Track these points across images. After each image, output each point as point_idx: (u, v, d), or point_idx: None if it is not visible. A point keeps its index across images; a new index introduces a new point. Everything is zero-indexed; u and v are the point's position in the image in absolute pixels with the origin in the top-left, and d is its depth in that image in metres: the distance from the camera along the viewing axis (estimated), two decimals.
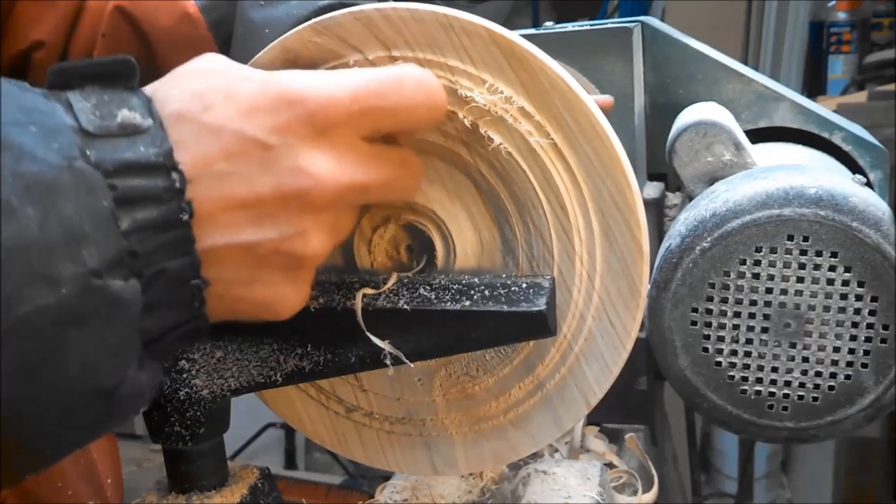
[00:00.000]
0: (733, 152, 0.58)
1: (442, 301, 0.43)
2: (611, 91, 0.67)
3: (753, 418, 0.54)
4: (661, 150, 0.62)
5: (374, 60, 0.42)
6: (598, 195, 0.43)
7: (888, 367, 0.51)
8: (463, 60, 0.42)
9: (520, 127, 0.43)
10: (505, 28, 0.42)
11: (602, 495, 0.58)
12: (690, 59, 0.70)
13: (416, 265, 0.48)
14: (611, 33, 0.66)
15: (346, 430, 0.51)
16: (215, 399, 0.47)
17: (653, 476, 0.70)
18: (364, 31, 0.42)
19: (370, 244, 0.48)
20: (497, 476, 0.64)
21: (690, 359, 0.53)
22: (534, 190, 0.44)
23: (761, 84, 0.69)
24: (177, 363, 0.47)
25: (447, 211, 0.46)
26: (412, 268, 0.48)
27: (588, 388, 0.47)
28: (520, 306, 0.41)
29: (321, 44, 0.43)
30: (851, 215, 0.49)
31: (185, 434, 0.47)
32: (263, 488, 0.50)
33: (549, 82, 0.42)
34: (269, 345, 0.46)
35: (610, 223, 0.44)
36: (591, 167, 0.43)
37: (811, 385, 0.52)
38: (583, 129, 0.42)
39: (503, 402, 0.48)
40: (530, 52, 0.41)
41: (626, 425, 0.79)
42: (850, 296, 0.50)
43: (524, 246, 0.45)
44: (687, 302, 0.52)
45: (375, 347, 0.43)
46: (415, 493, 0.62)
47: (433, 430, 0.50)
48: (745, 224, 0.50)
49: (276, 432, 2.58)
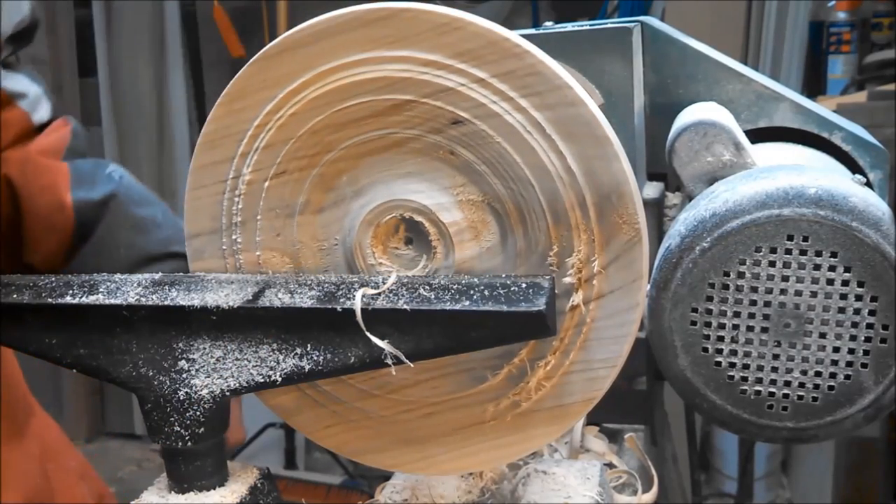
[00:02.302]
0: (733, 152, 0.57)
1: (442, 301, 0.43)
2: (611, 91, 0.67)
3: (753, 418, 0.54)
4: (661, 150, 0.62)
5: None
6: (593, 183, 0.44)
7: (888, 367, 0.51)
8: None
9: (510, 118, 0.43)
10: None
11: (602, 495, 0.58)
12: (690, 59, 0.70)
13: (416, 263, 0.48)
14: (611, 33, 0.66)
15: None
16: (215, 399, 0.47)
17: (653, 476, 0.70)
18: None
19: (370, 244, 0.48)
20: (497, 476, 0.64)
21: (690, 359, 0.53)
22: (531, 185, 0.44)
23: (761, 84, 0.69)
24: (177, 363, 0.47)
25: (444, 208, 0.46)
26: (412, 266, 0.48)
27: (588, 386, 0.47)
28: (519, 306, 0.41)
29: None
30: (851, 215, 0.49)
31: (184, 434, 0.47)
32: (263, 488, 0.50)
33: (532, 68, 0.43)
34: (268, 344, 0.46)
35: (605, 211, 0.44)
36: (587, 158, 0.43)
37: (811, 385, 0.52)
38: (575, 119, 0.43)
39: (503, 402, 0.48)
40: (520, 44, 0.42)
41: (626, 425, 0.79)
42: (850, 296, 0.50)
43: (522, 239, 0.46)
44: (687, 302, 0.52)
45: (375, 347, 0.43)
46: (414, 493, 0.62)
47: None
48: (745, 224, 0.50)
49: (276, 432, 2.59)
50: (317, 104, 0.46)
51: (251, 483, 0.50)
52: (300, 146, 0.47)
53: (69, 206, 0.76)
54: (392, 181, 0.47)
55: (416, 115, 0.45)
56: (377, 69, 0.44)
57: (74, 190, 0.77)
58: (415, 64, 0.44)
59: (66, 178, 0.77)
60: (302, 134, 0.47)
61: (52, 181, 0.76)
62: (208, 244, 0.50)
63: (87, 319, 0.48)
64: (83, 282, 0.49)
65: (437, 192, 0.46)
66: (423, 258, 0.48)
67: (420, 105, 0.44)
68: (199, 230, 0.50)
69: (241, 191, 0.49)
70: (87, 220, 0.77)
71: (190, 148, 2.87)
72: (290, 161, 0.47)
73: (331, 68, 0.45)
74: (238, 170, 0.48)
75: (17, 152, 0.75)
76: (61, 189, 0.76)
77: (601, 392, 0.47)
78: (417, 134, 0.45)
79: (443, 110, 0.44)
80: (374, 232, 0.48)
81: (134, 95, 3.00)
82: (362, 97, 0.45)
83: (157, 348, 0.47)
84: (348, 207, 0.48)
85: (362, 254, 0.48)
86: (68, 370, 0.50)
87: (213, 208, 0.50)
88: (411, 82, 0.44)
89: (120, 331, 0.48)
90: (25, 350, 0.50)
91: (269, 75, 0.46)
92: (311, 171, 0.48)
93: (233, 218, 0.49)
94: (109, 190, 0.79)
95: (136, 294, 0.47)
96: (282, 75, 0.46)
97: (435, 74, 0.44)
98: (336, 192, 0.48)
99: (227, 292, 0.46)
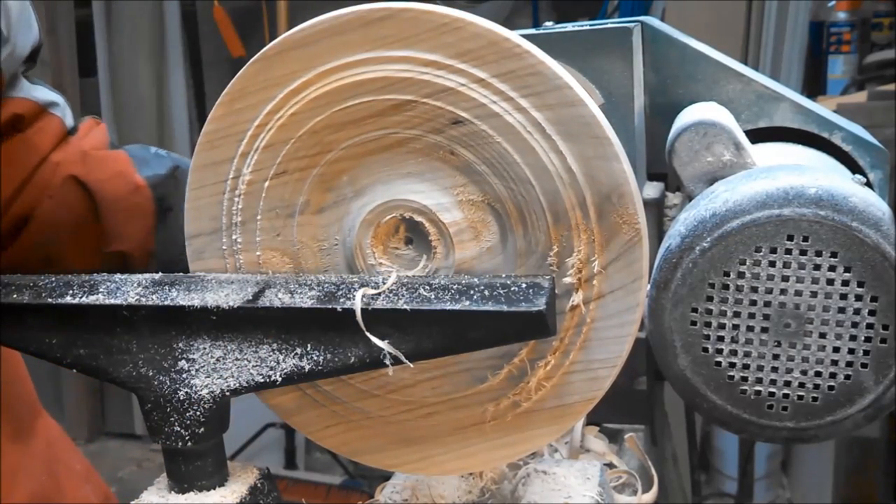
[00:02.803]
0: (733, 152, 0.57)
1: (442, 301, 0.43)
2: (611, 91, 0.67)
3: (753, 418, 0.54)
4: (661, 150, 0.62)
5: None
6: (593, 183, 0.44)
7: (888, 367, 0.51)
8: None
9: (510, 118, 0.43)
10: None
11: (602, 495, 0.58)
12: (690, 59, 0.70)
13: (416, 263, 0.48)
14: (611, 33, 0.66)
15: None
16: (215, 399, 0.47)
17: (653, 476, 0.70)
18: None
19: (370, 244, 0.48)
20: (497, 476, 0.64)
21: (690, 359, 0.53)
22: (530, 184, 0.44)
23: (761, 84, 0.69)
24: (177, 363, 0.47)
25: (444, 208, 0.46)
26: (412, 266, 0.48)
27: (589, 387, 0.47)
28: (519, 306, 0.41)
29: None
30: (851, 215, 0.49)
31: (184, 434, 0.47)
32: (263, 488, 0.50)
33: (531, 67, 0.43)
34: (268, 344, 0.46)
35: (605, 211, 0.44)
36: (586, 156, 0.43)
37: (811, 385, 0.52)
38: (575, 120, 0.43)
39: (503, 402, 0.48)
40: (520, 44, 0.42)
41: (626, 425, 0.79)
42: (850, 296, 0.50)
43: (521, 237, 0.46)
44: (687, 302, 0.52)
45: (375, 347, 0.43)
46: (414, 492, 0.62)
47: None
48: (745, 224, 0.50)
49: (276, 432, 2.59)
50: (317, 104, 0.46)
51: (251, 483, 0.50)
52: (300, 146, 0.47)
53: (143, 185, 0.79)
54: (392, 181, 0.47)
55: (416, 116, 0.45)
56: (377, 69, 0.44)
57: (141, 171, 0.79)
58: (415, 64, 0.44)
59: (129, 162, 0.79)
60: (302, 134, 0.47)
61: (118, 168, 0.78)
62: (208, 244, 0.50)
63: (87, 319, 0.48)
64: (83, 282, 0.49)
65: (437, 192, 0.46)
66: (423, 258, 0.48)
67: (420, 105, 0.44)
68: (199, 230, 0.50)
69: (241, 191, 0.49)
70: (162, 194, 0.79)
71: (190, 148, 2.87)
72: (290, 161, 0.47)
73: (331, 68, 0.45)
74: (238, 170, 0.48)
75: (72, 151, 0.77)
76: (130, 173, 0.78)
77: (601, 392, 0.47)
78: (418, 134, 0.45)
79: (443, 110, 0.44)
80: (374, 232, 0.48)
81: (134, 95, 3.00)
82: (363, 97, 0.45)
83: (157, 348, 0.47)
84: (348, 207, 0.48)
85: (362, 254, 0.48)
86: (68, 370, 0.50)
87: (214, 208, 0.50)
88: (411, 82, 0.44)
89: (120, 331, 0.48)
90: (25, 350, 0.50)
91: (270, 75, 0.46)
92: (312, 172, 0.48)
93: (233, 218, 0.49)
94: (169, 163, 0.81)
95: (136, 294, 0.47)
96: (282, 75, 0.46)
97: (435, 74, 0.44)
98: (336, 193, 0.48)
99: (227, 292, 0.46)
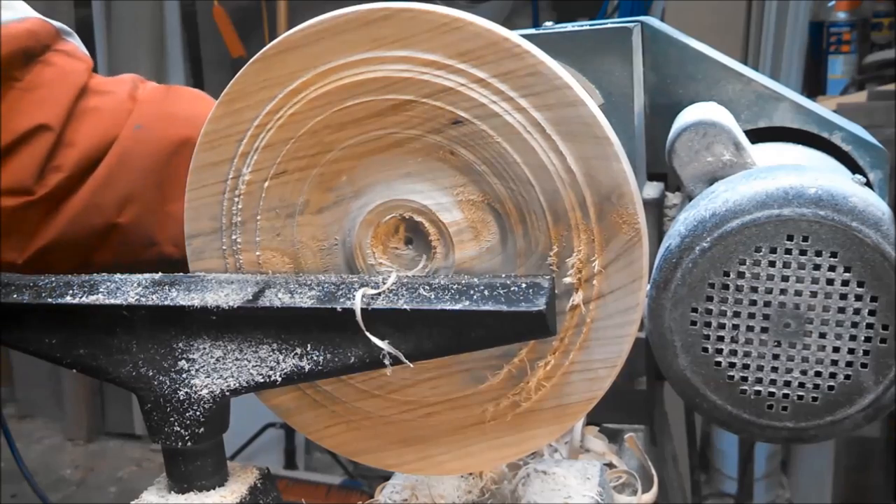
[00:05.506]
0: (733, 152, 0.57)
1: (442, 301, 0.43)
2: (611, 91, 0.67)
3: (753, 418, 0.54)
4: (661, 150, 0.62)
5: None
6: (593, 183, 0.44)
7: (888, 367, 0.51)
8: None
9: (510, 118, 0.43)
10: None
11: (602, 495, 0.58)
12: (690, 59, 0.70)
13: (416, 263, 0.48)
14: (611, 33, 0.66)
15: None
16: (215, 399, 0.47)
17: (653, 476, 0.70)
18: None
19: (370, 244, 0.48)
20: (497, 476, 0.64)
21: (690, 359, 0.53)
22: (529, 183, 0.44)
23: (761, 84, 0.69)
24: (177, 363, 0.47)
25: (444, 208, 0.46)
26: (412, 266, 0.48)
27: (588, 387, 0.47)
28: (519, 306, 0.41)
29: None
30: (851, 215, 0.49)
31: (184, 434, 0.47)
32: (263, 488, 0.50)
33: (531, 67, 0.43)
34: (268, 345, 0.46)
35: (604, 211, 0.44)
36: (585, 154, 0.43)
37: (811, 385, 0.52)
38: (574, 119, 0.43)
39: (503, 402, 0.48)
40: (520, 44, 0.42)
41: (626, 425, 0.79)
42: (850, 296, 0.50)
43: (521, 236, 0.46)
44: (687, 302, 0.52)
45: (375, 347, 0.43)
46: (414, 492, 0.62)
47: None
48: (745, 224, 0.50)
49: (276, 432, 2.58)
50: (317, 104, 0.46)
51: (251, 483, 0.50)
52: (300, 146, 0.47)
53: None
54: (392, 181, 0.47)
55: (416, 115, 0.45)
56: (377, 69, 0.44)
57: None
58: (415, 64, 0.44)
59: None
60: (302, 134, 0.47)
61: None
62: (208, 244, 0.50)
63: (87, 319, 0.48)
64: (83, 282, 0.49)
65: (437, 192, 0.46)
66: (423, 258, 0.48)
67: (420, 105, 0.44)
68: (199, 230, 0.50)
69: (240, 191, 0.49)
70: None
71: None
72: (289, 161, 0.47)
73: (331, 68, 0.45)
74: (238, 170, 0.48)
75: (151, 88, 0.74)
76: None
77: (601, 392, 0.47)
78: (417, 134, 0.45)
79: (443, 110, 0.44)
80: (374, 232, 0.48)
81: None
82: (362, 97, 0.45)
83: (157, 348, 0.47)
84: (348, 207, 0.48)
85: (362, 254, 0.48)
86: (68, 370, 0.50)
87: (213, 208, 0.50)
88: (411, 82, 0.44)
89: (120, 331, 0.48)
90: (25, 350, 0.50)
91: (269, 75, 0.46)
92: (311, 171, 0.48)
93: (233, 218, 0.49)
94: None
95: (136, 294, 0.47)
96: (282, 75, 0.46)
97: (435, 74, 0.44)
98: (336, 192, 0.48)
99: (227, 292, 0.46)
